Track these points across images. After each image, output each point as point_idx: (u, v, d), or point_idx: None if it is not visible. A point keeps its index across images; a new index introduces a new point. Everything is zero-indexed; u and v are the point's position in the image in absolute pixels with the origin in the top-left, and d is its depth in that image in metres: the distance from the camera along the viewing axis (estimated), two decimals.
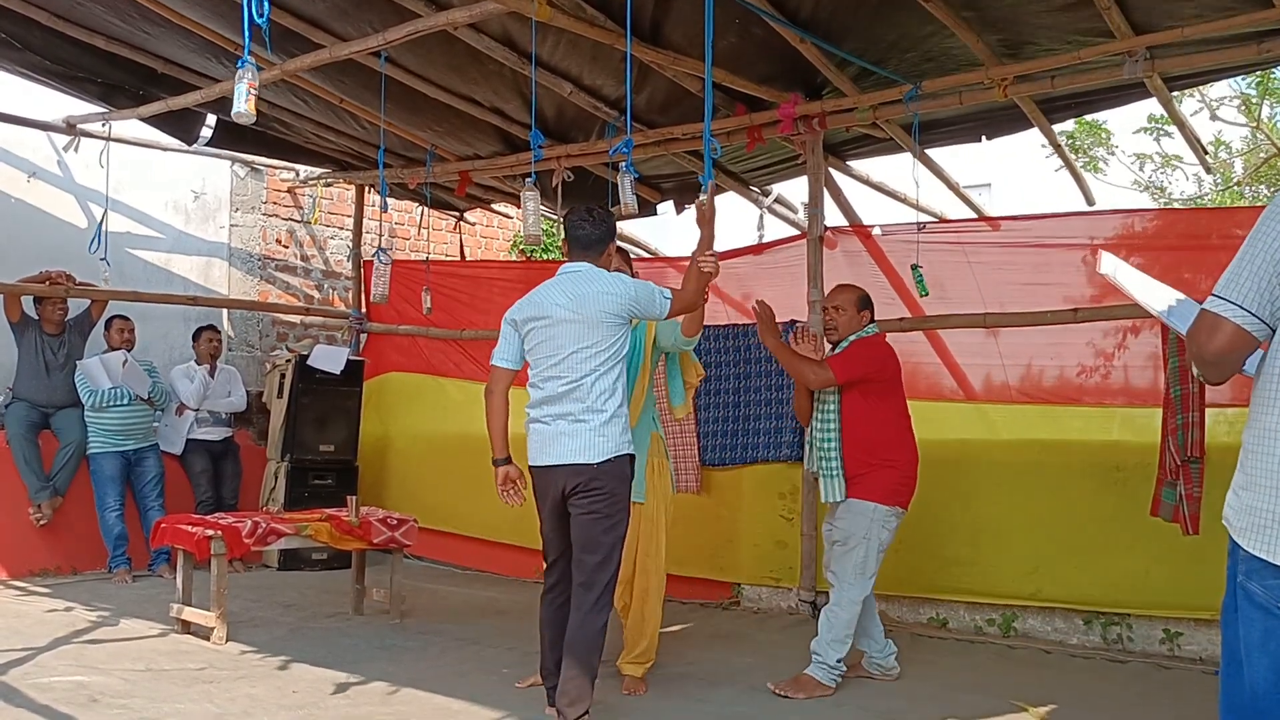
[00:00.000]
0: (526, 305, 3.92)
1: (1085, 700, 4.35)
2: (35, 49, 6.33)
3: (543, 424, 3.83)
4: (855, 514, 4.37)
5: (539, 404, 3.84)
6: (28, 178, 7.56)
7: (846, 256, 6.26)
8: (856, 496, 4.37)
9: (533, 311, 3.87)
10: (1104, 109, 6.01)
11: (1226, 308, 1.98)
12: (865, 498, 4.36)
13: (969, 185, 7.24)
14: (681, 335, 4.28)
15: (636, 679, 4.39)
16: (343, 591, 6.20)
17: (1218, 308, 1.99)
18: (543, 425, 3.83)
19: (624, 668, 4.42)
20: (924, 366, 5.99)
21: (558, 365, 3.78)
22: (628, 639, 4.46)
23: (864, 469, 4.37)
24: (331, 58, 5.43)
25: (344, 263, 9.07)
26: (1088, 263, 5.53)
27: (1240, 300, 1.96)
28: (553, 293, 3.86)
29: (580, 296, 3.79)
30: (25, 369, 6.88)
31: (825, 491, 4.44)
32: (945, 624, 5.74)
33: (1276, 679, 1.94)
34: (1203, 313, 2.03)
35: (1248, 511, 1.99)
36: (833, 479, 4.39)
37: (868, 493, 4.36)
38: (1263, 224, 1.99)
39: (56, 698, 4.04)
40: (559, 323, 3.79)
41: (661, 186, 7.52)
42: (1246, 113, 11.21)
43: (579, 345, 3.76)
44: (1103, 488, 5.26)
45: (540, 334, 3.83)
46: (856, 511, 4.37)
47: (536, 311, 3.85)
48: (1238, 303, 1.97)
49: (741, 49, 5.34)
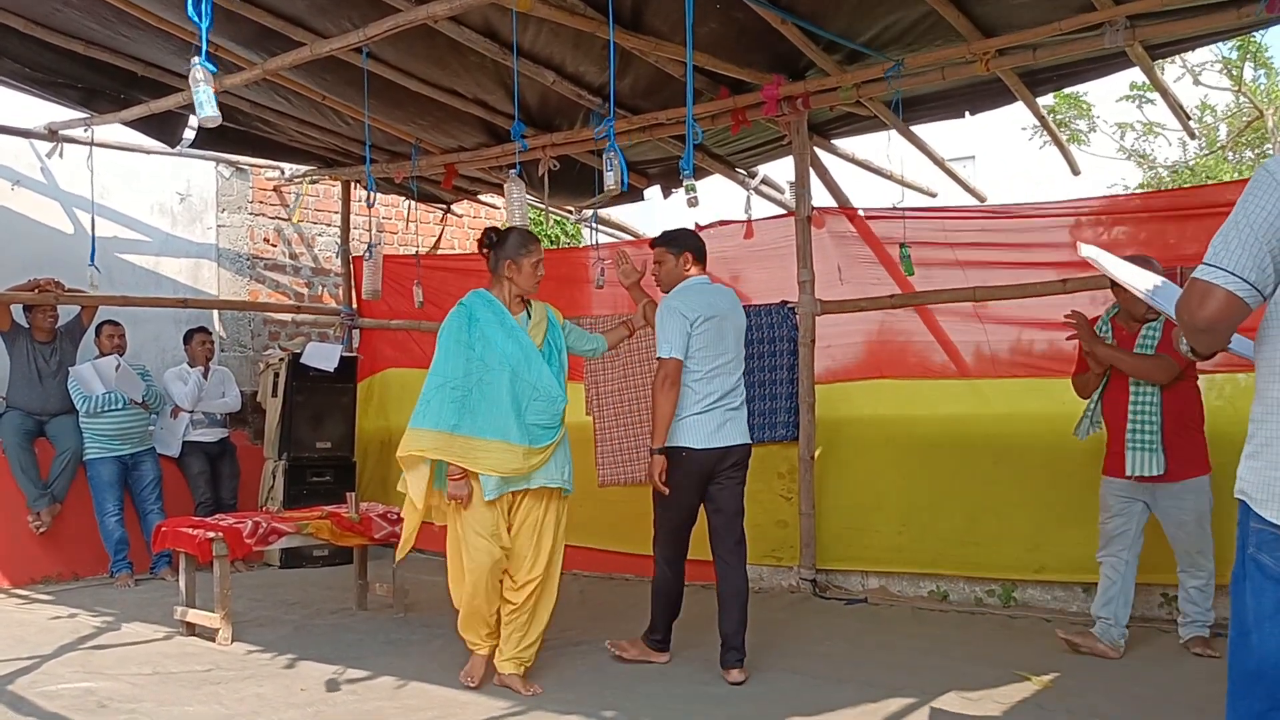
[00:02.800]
0: (698, 305, 4.41)
1: (1087, 667, 4.39)
2: (14, 56, 6.29)
3: (716, 410, 4.39)
4: (1199, 491, 4.47)
5: (711, 394, 4.39)
6: (12, 186, 7.53)
7: (833, 236, 6.28)
8: (1192, 474, 4.46)
9: (707, 311, 4.41)
10: (1087, 80, 6.02)
11: (1218, 275, 1.97)
12: (1200, 473, 4.48)
13: (953, 158, 7.25)
14: (603, 348, 4.80)
15: (520, 676, 4.26)
16: (345, 587, 6.22)
17: (1209, 275, 1.98)
18: (716, 411, 4.39)
19: (507, 666, 4.26)
20: (915, 344, 6.03)
21: (729, 361, 4.46)
22: (521, 631, 4.28)
23: (1184, 441, 4.45)
24: (313, 55, 5.41)
25: (333, 259, 9.06)
26: (1075, 233, 5.57)
27: (1232, 267, 1.96)
28: (716, 298, 4.51)
29: (735, 302, 4.62)
30: (18, 377, 6.87)
31: (1141, 465, 4.45)
32: (945, 597, 5.79)
33: None
34: (1193, 280, 2.02)
35: (1265, 484, 1.99)
36: (1153, 452, 4.43)
37: (1199, 467, 4.48)
38: (1250, 191, 1.99)
39: (65, 705, 4.05)
40: (727, 323, 4.47)
41: (648, 172, 7.52)
42: (1229, 76, 11.22)
43: (740, 344, 4.55)
44: (1096, 459, 5.28)
45: (712, 332, 4.40)
46: (1198, 488, 4.47)
47: (710, 311, 4.42)
48: (1229, 269, 1.96)
49: (723, 33, 5.33)
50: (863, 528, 5.97)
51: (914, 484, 5.84)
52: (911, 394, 6.00)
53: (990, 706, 3.89)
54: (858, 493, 6.00)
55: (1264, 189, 1.97)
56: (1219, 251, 1.98)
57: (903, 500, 5.87)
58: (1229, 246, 1.97)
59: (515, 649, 4.25)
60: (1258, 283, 1.96)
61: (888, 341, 6.16)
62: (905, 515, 5.86)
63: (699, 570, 6.31)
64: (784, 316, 6.17)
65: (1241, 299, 1.96)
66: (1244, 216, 1.97)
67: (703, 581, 6.29)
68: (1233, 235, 1.97)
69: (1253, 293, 1.96)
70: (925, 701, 3.96)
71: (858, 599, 5.89)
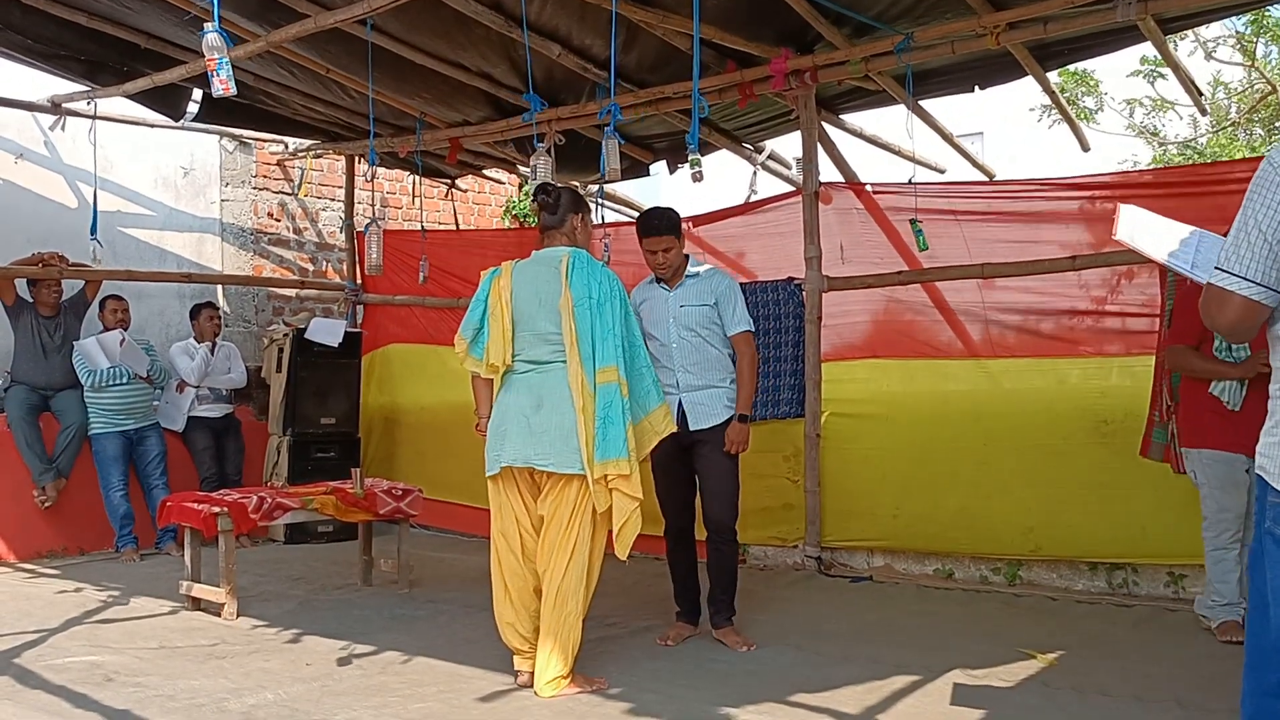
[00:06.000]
0: None
1: (1093, 645, 4.38)
2: (17, 28, 6.26)
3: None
4: None
5: None
6: (15, 159, 7.50)
7: (837, 213, 6.23)
8: None
9: None
10: (1098, 54, 5.95)
11: (1231, 281, 1.98)
12: None
13: (961, 134, 7.20)
14: None
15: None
16: (350, 563, 6.23)
17: (1223, 281, 1.99)
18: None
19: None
20: (920, 322, 5.99)
21: None
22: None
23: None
24: (317, 27, 5.37)
25: (337, 234, 9.03)
26: (1084, 212, 5.52)
27: (1244, 272, 1.96)
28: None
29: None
30: (22, 352, 6.86)
31: None
32: (951, 575, 5.78)
33: None
34: (1209, 286, 2.03)
35: None
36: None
37: None
38: (1255, 188, 1.97)
39: (72, 678, 4.06)
40: None
41: (654, 146, 7.47)
42: (1242, 52, 11.12)
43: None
44: (1102, 439, 5.27)
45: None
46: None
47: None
48: (1242, 274, 1.97)
49: (731, 6, 5.29)
50: (868, 505, 5.95)
51: (920, 462, 5.81)
52: (917, 372, 5.96)
53: (996, 685, 3.89)
54: (863, 470, 5.98)
55: (1269, 186, 1.95)
56: (1230, 255, 1.99)
57: (908, 478, 5.85)
58: (1239, 250, 1.97)
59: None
60: (1274, 283, 1.96)
61: (894, 319, 6.12)
62: (910, 493, 5.84)
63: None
64: (790, 293, 6.13)
65: (1259, 302, 1.97)
66: (1251, 216, 1.96)
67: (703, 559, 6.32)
68: (1242, 238, 1.97)
69: (1268, 293, 1.97)
70: (930, 679, 3.95)
71: (863, 577, 5.89)
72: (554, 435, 3.81)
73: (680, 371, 4.47)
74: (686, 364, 4.48)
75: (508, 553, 3.97)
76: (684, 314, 4.49)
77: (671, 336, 4.48)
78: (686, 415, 4.44)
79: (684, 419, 4.43)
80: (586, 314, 3.84)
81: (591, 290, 3.86)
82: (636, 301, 4.43)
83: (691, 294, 4.53)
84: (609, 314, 3.85)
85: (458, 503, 7.58)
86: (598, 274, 3.91)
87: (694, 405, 4.47)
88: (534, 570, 3.94)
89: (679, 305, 4.50)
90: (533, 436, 3.84)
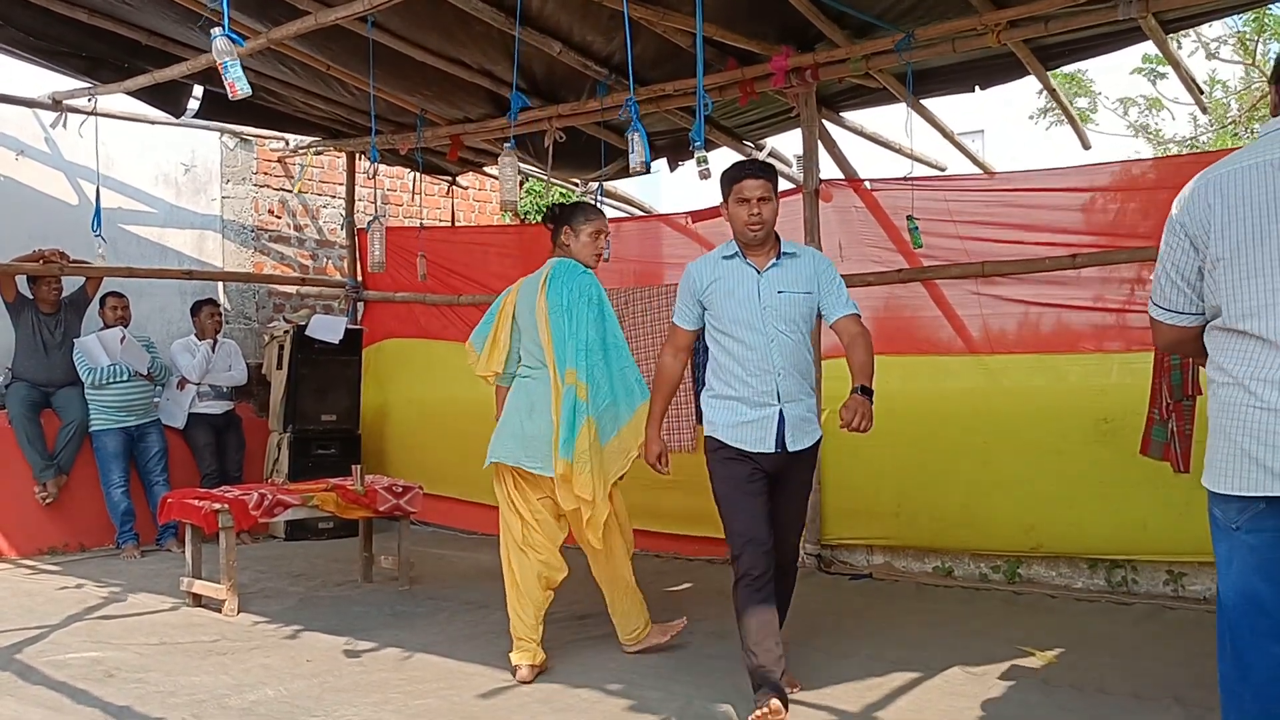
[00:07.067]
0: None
1: (1092, 643, 4.39)
2: (18, 24, 6.25)
3: None
4: None
5: None
6: (16, 156, 7.51)
7: (837, 212, 6.22)
8: None
9: None
10: (1099, 54, 5.93)
11: (1158, 312, 2.34)
12: None
13: (962, 133, 7.19)
14: None
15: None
16: (350, 560, 6.23)
17: (1153, 311, 2.35)
18: None
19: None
20: (920, 319, 5.98)
21: None
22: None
23: None
24: (317, 24, 5.34)
25: (338, 231, 9.03)
26: (1084, 209, 5.51)
27: (1167, 304, 2.30)
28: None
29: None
30: (23, 349, 6.87)
31: None
32: (950, 573, 5.78)
33: None
34: (1150, 317, 2.38)
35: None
36: None
37: None
38: (1164, 236, 2.26)
39: (73, 674, 4.07)
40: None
41: (655, 144, 7.45)
42: (1242, 50, 11.12)
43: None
44: (1102, 436, 5.27)
45: None
46: None
47: None
48: (1165, 306, 2.31)
49: (732, 3, 5.28)
50: (867, 503, 5.95)
51: (919, 460, 5.81)
52: (916, 369, 5.95)
53: (995, 681, 3.89)
54: (862, 468, 5.97)
55: (1172, 231, 2.23)
56: (1155, 291, 2.33)
57: (908, 475, 5.85)
58: (1160, 286, 2.30)
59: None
60: (1192, 309, 2.26)
61: (893, 316, 6.12)
62: (910, 490, 5.84)
63: (694, 546, 6.35)
64: None
65: (1184, 325, 2.30)
66: (1165, 258, 2.26)
67: (706, 556, 6.33)
68: (1162, 275, 2.29)
69: (1191, 316, 2.27)
70: (930, 676, 3.96)
71: (863, 574, 5.90)
72: (541, 440, 4.07)
73: (780, 376, 3.57)
74: (786, 367, 3.57)
75: (510, 541, 4.21)
76: (783, 303, 3.56)
77: (767, 331, 3.55)
78: (786, 434, 3.58)
79: (782, 438, 3.59)
80: (559, 321, 4.08)
81: (562, 297, 4.09)
82: (705, 283, 3.63)
83: (790, 278, 3.59)
84: (576, 318, 4.07)
85: (458, 499, 7.58)
86: (571, 280, 4.13)
87: (796, 421, 3.61)
88: (538, 559, 4.16)
89: (776, 291, 3.56)
90: (524, 439, 4.13)
